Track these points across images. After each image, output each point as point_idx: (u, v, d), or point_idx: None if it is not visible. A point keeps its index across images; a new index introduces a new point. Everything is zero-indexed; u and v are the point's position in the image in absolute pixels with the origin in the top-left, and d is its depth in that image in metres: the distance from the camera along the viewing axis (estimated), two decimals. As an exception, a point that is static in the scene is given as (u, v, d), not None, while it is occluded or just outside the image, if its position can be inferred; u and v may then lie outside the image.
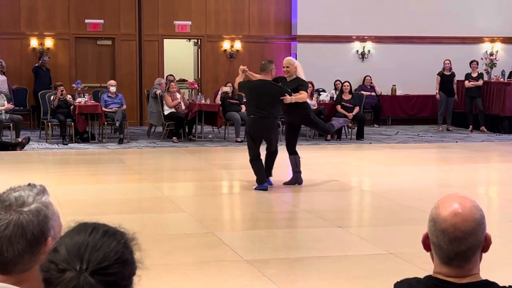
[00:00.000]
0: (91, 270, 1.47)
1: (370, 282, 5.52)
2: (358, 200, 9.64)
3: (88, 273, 1.46)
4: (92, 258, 1.48)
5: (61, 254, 1.50)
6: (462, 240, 2.00)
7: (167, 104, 15.25)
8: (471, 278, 2.03)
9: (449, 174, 11.49)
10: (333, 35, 18.98)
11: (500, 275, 5.45)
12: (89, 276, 1.46)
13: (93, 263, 1.47)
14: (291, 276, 5.75)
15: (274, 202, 8.95)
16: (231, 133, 15.69)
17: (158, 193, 9.42)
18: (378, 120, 18.77)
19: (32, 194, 1.89)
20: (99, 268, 1.47)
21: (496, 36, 19.89)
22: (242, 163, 12.70)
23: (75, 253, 1.49)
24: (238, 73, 10.70)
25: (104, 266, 1.48)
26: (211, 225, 7.40)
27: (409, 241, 6.88)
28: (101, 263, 1.48)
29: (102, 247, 1.50)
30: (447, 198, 2.10)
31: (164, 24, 18.66)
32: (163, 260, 6.10)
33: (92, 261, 1.48)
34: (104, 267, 1.48)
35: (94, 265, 1.47)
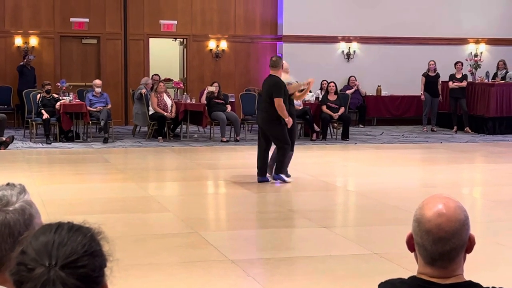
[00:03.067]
0: (60, 265, 1.47)
1: (355, 282, 5.53)
2: (343, 200, 9.66)
3: (58, 267, 1.47)
4: (60, 254, 1.48)
5: (29, 255, 1.50)
6: (446, 240, 2.00)
7: (152, 105, 15.21)
8: (455, 278, 2.04)
9: (434, 175, 11.54)
10: (319, 35, 19.01)
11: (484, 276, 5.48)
12: (59, 270, 1.47)
13: (61, 258, 1.48)
14: (276, 276, 5.75)
15: (260, 202, 8.95)
16: (216, 133, 15.68)
17: (143, 193, 9.39)
18: (363, 120, 18.83)
19: (15, 193, 1.89)
20: (68, 262, 1.48)
21: (481, 37, 20.00)
22: (228, 162, 12.72)
23: (42, 251, 1.49)
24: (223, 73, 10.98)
25: (73, 259, 1.48)
26: (196, 225, 7.39)
27: (394, 241, 6.90)
28: (70, 257, 1.48)
29: (69, 242, 1.51)
30: (431, 198, 2.11)
31: (150, 23, 18.63)
32: (147, 260, 6.09)
33: (60, 256, 1.48)
34: (73, 261, 1.48)
35: (63, 259, 1.48)
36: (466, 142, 15.68)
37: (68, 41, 18.36)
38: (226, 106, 15.73)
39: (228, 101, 16.02)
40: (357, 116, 18.79)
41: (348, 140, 15.71)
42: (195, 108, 15.48)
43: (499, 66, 18.34)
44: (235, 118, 15.52)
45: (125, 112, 18.48)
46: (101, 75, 17.99)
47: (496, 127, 17.19)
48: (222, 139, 15.27)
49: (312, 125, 15.74)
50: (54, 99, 14.82)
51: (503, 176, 11.24)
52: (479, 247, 7.04)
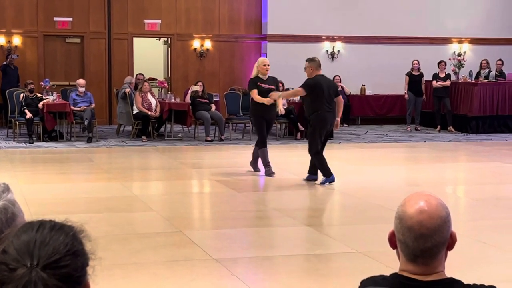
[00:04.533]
0: (42, 265, 1.46)
1: (338, 280, 5.55)
2: (327, 199, 9.67)
3: (39, 268, 1.46)
4: (42, 253, 1.47)
5: (10, 254, 1.49)
6: (427, 237, 2.01)
7: (136, 104, 15.17)
8: (436, 275, 2.05)
9: (417, 173, 11.59)
10: (303, 34, 19.04)
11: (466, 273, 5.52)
12: (40, 271, 1.46)
13: (43, 258, 1.47)
14: (260, 274, 5.76)
15: (244, 201, 8.95)
16: (201, 132, 15.67)
17: (127, 192, 9.37)
18: (347, 119, 18.86)
19: None
20: (50, 262, 1.47)
21: (464, 37, 20.11)
22: (212, 162, 12.72)
23: (24, 251, 1.48)
24: (208, 72, 11.13)
25: (55, 259, 1.47)
26: (180, 224, 7.39)
27: (378, 239, 6.93)
28: (52, 257, 1.47)
29: (50, 241, 1.50)
30: (413, 196, 2.12)
31: (134, 22, 18.58)
32: (131, 259, 6.08)
33: (42, 256, 1.47)
34: (55, 261, 1.47)
35: (45, 259, 1.47)
36: (450, 141, 15.76)
37: (52, 40, 18.27)
38: (210, 105, 15.72)
39: (212, 100, 16.01)
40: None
41: (332, 139, 15.73)
42: (179, 107, 15.46)
43: (482, 65, 18.44)
44: (219, 118, 15.51)
45: (109, 112, 18.42)
46: (85, 74, 17.92)
47: (479, 126, 17.29)
48: (206, 138, 15.26)
49: (296, 124, 15.75)
50: (38, 99, 14.75)
51: (486, 175, 11.31)
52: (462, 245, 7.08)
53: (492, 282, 2.32)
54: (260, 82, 10.42)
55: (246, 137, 15.85)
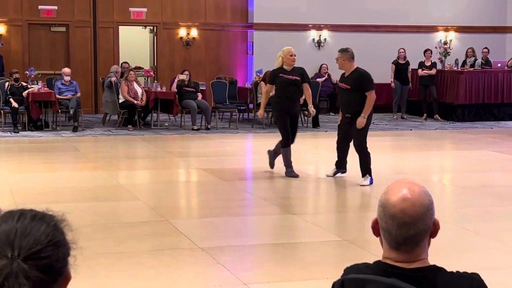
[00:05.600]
0: (23, 256, 1.44)
1: (324, 268, 5.56)
2: (313, 188, 9.68)
3: (20, 259, 1.44)
4: (23, 244, 1.46)
5: None
6: (410, 225, 2.01)
7: (122, 93, 15.12)
8: (420, 263, 2.05)
9: (404, 162, 11.62)
10: (290, 23, 19.00)
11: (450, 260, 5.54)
12: (21, 262, 1.44)
13: (24, 249, 1.45)
14: (246, 263, 5.76)
15: (230, 189, 8.95)
16: (187, 121, 15.63)
17: (113, 181, 9.35)
18: (333, 108, 18.86)
19: None
20: (31, 253, 1.45)
21: (450, 25, 20.13)
22: (198, 151, 12.70)
23: (4, 241, 1.46)
24: (194, 61, 10.92)
25: (36, 250, 1.46)
26: (166, 213, 7.38)
27: (363, 227, 6.95)
28: (33, 247, 1.46)
29: (31, 231, 1.48)
30: (396, 183, 2.12)
31: (119, 11, 18.47)
32: (117, 248, 6.07)
33: (23, 247, 1.45)
34: (36, 251, 1.46)
35: (26, 250, 1.45)
36: (436, 130, 15.81)
37: (37, 29, 18.15)
38: (196, 94, 15.68)
39: (198, 89, 15.97)
40: (327, 104, 18.84)
41: (319, 128, 15.76)
42: (165, 96, 15.41)
43: (468, 53, 18.48)
44: (206, 106, 15.48)
45: (94, 101, 18.33)
46: (70, 63, 17.82)
47: (465, 114, 17.34)
48: (192, 127, 15.23)
49: (283, 113, 15.73)
50: (23, 88, 14.66)
51: (471, 163, 11.36)
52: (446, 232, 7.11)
53: (476, 269, 2.33)
54: (283, 73, 9.70)
55: (233, 126, 15.84)
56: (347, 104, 9.41)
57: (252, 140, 14.40)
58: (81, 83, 16.50)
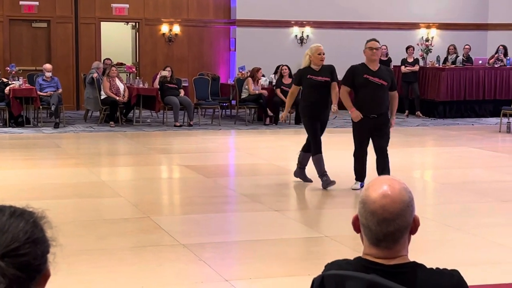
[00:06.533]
0: (0, 253, 1.43)
1: (305, 264, 5.57)
2: (295, 184, 9.68)
3: None
4: (1, 241, 1.44)
5: None
6: (390, 221, 2.02)
7: (104, 89, 15.05)
8: (399, 259, 2.06)
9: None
10: (272, 19, 19.00)
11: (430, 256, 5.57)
12: None
13: (1, 246, 1.43)
14: (228, 259, 5.76)
15: (212, 186, 8.94)
16: (169, 118, 15.59)
17: (94, 178, 9.31)
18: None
19: None
20: (9, 250, 1.44)
21: (432, 22, 20.22)
22: (181, 147, 12.68)
23: None
24: (177, 57, 10.56)
25: (14, 247, 1.44)
26: (147, 210, 7.36)
27: (345, 224, 6.97)
28: (10, 245, 1.44)
29: (10, 228, 1.46)
30: (377, 180, 2.12)
31: (101, 6, 18.38)
32: (98, 245, 6.05)
33: (1, 244, 1.44)
34: (14, 249, 1.44)
35: (3, 248, 1.43)
36: (417, 126, 15.87)
37: (18, 25, 18.02)
38: (179, 90, 15.65)
39: (181, 85, 15.94)
40: (310, 100, 18.85)
41: (301, 124, 15.75)
42: (147, 92, 15.37)
43: (450, 50, 18.57)
44: (188, 103, 15.45)
45: (76, 97, 18.24)
46: (51, 59, 17.71)
47: (446, 111, 17.43)
48: (175, 123, 15.20)
49: (265, 109, 15.75)
50: (4, 84, 14.56)
51: (453, 159, 11.42)
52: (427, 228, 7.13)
53: (456, 265, 2.34)
54: (311, 74, 8.64)
55: (215, 123, 15.82)
56: (380, 103, 8.25)
57: (234, 137, 14.39)
58: (62, 79, 16.40)
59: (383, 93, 8.24)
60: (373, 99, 8.19)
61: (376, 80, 8.21)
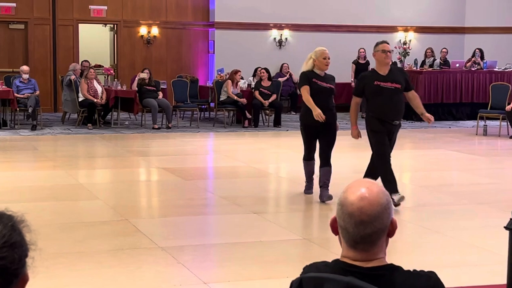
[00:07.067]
0: None
1: (284, 267, 5.57)
2: (274, 187, 9.71)
3: None
4: None
5: None
6: (367, 223, 2.03)
7: (82, 91, 14.98)
8: (377, 262, 2.07)
9: (364, 161, 11.64)
10: (251, 22, 19.02)
11: (410, 258, 5.60)
12: None
13: None
14: (206, 262, 5.76)
15: (191, 189, 8.92)
16: (148, 120, 15.55)
17: (72, 181, 9.26)
18: (295, 107, 18.93)
19: None
20: None
21: (410, 25, 20.34)
22: (159, 150, 12.64)
23: None
24: (155, 59, 10.43)
25: None
26: (126, 213, 7.33)
27: (323, 226, 7.00)
28: None
29: None
30: (355, 183, 2.14)
31: (79, 8, 18.30)
32: (76, 248, 6.01)
33: None
34: None
35: None
36: (395, 129, 15.93)
37: (-5, 26, 17.90)
38: (157, 93, 15.62)
39: (159, 88, 15.90)
40: (289, 103, 18.90)
41: (280, 127, 15.79)
42: (126, 94, 15.32)
43: (427, 54, 18.70)
44: (166, 105, 15.42)
45: (54, 99, 18.14)
46: (29, 61, 17.61)
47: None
48: (153, 126, 15.16)
49: (244, 111, 15.76)
50: (-20, 86, 14.45)
51: (430, 162, 11.49)
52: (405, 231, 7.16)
53: (433, 267, 2.36)
54: (316, 79, 8.22)
55: (194, 125, 15.81)
56: (399, 108, 7.89)
57: (213, 139, 14.38)
58: (40, 81, 16.31)
59: (399, 97, 7.74)
60: (391, 105, 7.71)
61: (388, 85, 7.70)
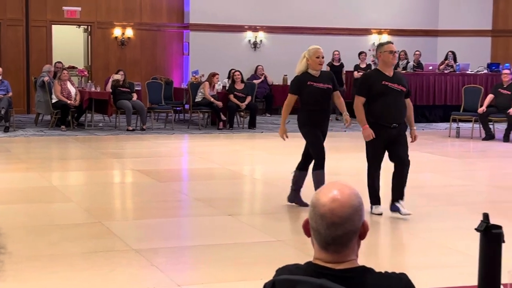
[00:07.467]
0: None
1: (258, 269, 5.57)
2: (249, 189, 9.72)
3: None
4: None
5: None
6: (339, 225, 2.05)
7: (55, 93, 14.88)
8: (348, 263, 2.09)
9: (338, 162, 11.73)
10: (226, 24, 19.03)
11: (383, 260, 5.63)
12: None
13: None
14: (180, 264, 5.75)
15: (165, 191, 8.90)
16: (122, 122, 15.49)
17: (45, 183, 9.20)
18: (269, 109, 18.98)
19: None
20: None
21: (383, 28, 20.47)
22: (133, 152, 12.60)
23: None
24: (129, 61, 10.31)
25: None
26: (99, 215, 7.29)
27: (298, 228, 7.00)
28: None
29: None
30: (328, 185, 2.16)
31: (53, 9, 18.18)
32: (49, 251, 5.97)
33: None
34: None
35: None
36: (369, 131, 16.00)
37: (-33, 27, 17.72)
38: (132, 94, 15.56)
39: (134, 89, 15.84)
40: (263, 105, 18.93)
41: (255, 129, 15.81)
42: (100, 96, 15.25)
43: (401, 56, 18.80)
44: (141, 107, 15.37)
45: (27, 100, 18.01)
46: (1, 62, 17.45)
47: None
48: (127, 128, 15.10)
49: (219, 113, 15.75)
50: (-48, 87, 14.30)
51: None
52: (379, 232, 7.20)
53: (406, 269, 2.38)
54: (311, 80, 7.81)
55: (168, 127, 15.77)
56: (402, 110, 7.55)
57: (188, 141, 14.36)
58: (12, 82, 16.16)
59: (402, 100, 7.51)
60: (395, 107, 7.42)
61: (395, 87, 7.45)
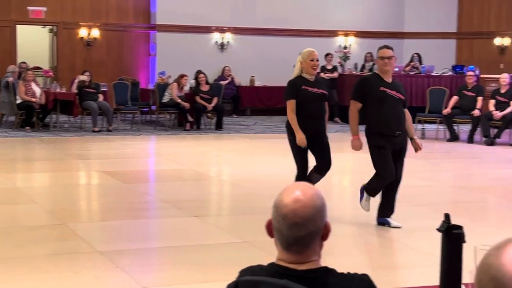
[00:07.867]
0: None
1: (225, 270, 5.56)
2: (215, 190, 9.71)
3: None
4: None
5: None
6: (301, 226, 2.05)
7: (20, 94, 14.72)
8: (310, 264, 2.09)
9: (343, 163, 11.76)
10: (193, 25, 18.98)
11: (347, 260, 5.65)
12: None
13: None
14: (145, 266, 5.71)
15: (130, 192, 8.85)
16: (88, 123, 15.38)
17: (9, 184, 9.09)
18: (237, 110, 18.98)
19: None
20: None
21: (350, 30, 20.58)
22: (99, 153, 12.51)
23: None
24: (95, 61, 10.25)
25: None
26: (64, 217, 7.23)
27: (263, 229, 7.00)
28: None
29: None
30: (291, 185, 2.17)
31: (17, 9, 17.98)
32: (13, 253, 5.91)
33: None
34: None
35: None
36: (336, 132, 16.10)
37: None
38: (98, 95, 15.45)
39: (100, 90, 15.73)
40: (231, 106, 18.92)
41: (222, 130, 15.80)
42: (65, 97, 15.13)
43: (367, 58, 18.93)
44: (107, 108, 15.27)
45: (-9, 101, 17.76)
46: (-35, 62, 17.23)
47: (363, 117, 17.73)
48: (93, 129, 14.99)
49: (186, 114, 15.71)
50: None
51: (368, 165, 11.58)
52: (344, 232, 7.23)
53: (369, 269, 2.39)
54: (306, 85, 7.38)
55: (135, 128, 15.69)
56: (401, 119, 7.23)
57: (154, 142, 14.30)
58: (-24, 83, 15.97)
59: (401, 108, 7.16)
60: (394, 114, 7.11)
61: (394, 94, 7.10)
